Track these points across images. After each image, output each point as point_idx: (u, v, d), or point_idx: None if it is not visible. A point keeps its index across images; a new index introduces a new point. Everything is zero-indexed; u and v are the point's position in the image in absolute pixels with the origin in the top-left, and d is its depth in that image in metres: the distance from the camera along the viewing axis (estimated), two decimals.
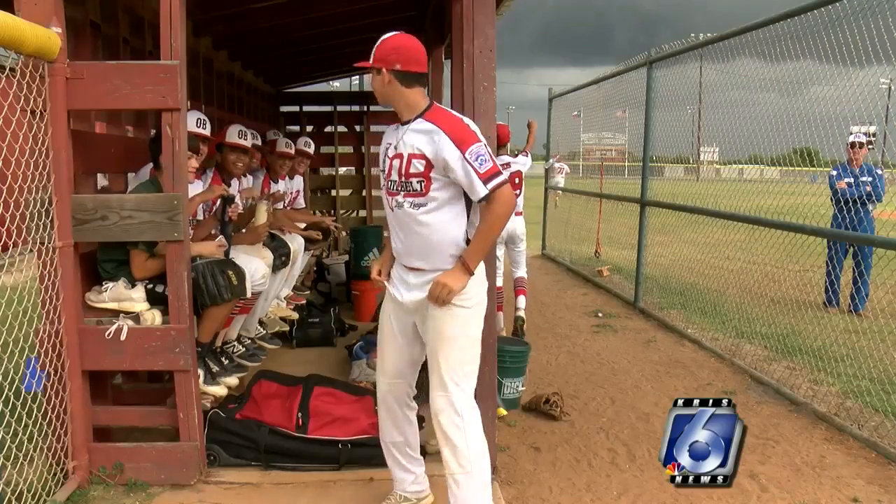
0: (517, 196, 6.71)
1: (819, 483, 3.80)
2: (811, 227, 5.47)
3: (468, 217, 3.00)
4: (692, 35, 7.46)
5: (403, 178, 2.92)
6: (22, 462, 3.21)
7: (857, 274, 7.61)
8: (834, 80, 5.12)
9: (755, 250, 6.64)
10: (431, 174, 2.88)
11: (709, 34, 6.88)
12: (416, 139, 2.90)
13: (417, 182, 2.90)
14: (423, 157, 2.87)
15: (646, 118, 7.97)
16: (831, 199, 7.39)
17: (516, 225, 6.67)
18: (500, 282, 6.79)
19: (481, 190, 2.85)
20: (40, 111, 3.23)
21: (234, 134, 4.78)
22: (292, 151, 6.12)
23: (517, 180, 6.74)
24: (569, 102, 12.54)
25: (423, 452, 3.83)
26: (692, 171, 10.60)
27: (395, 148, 2.96)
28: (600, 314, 7.81)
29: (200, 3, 4.23)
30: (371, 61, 2.90)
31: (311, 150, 6.71)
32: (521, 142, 7.45)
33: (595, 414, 4.80)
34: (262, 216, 4.68)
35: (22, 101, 3.14)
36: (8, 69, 3.05)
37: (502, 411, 4.57)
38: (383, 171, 3.04)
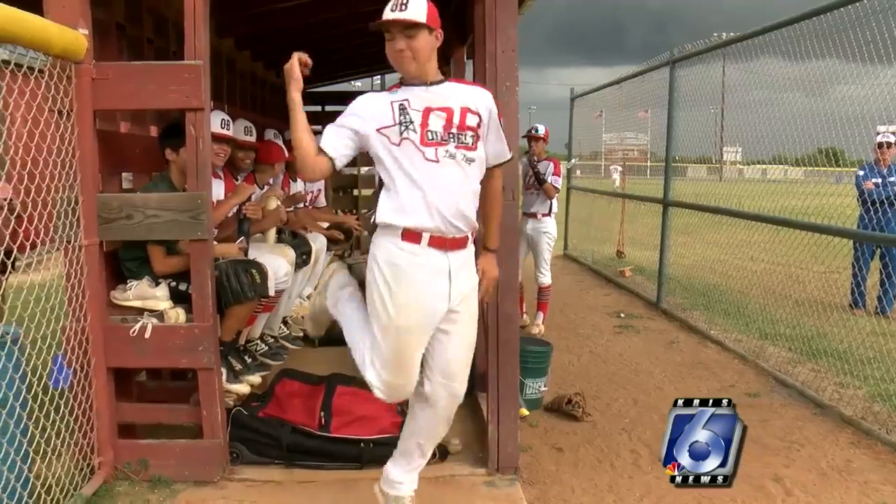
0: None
1: (846, 488, 3.75)
2: (837, 228, 5.41)
3: None
4: (714, 35, 7.41)
5: (455, 130, 2.78)
6: (50, 457, 3.26)
7: (884, 275, 7.49)
8: (860, 78, 5.06)
9: (779, 251, 6.58)
10: (480, 132, 2.86)
11: (731, 34, 6.83)
12: (466, 95, 2.85)
13: (471, 136, 2.82)
14: (477, 113, 2.83)
15: (668, 118, 7.92)
16: (858, 200, 7.30)
17: None
18: (548, 280, 6.83)
19: (507, 151, 3.02)
20: (67, 111, 3.27)
21: (239, 130, 4.63)
22: None
23: None
24: (590, 102, 12.49)
25: (446, 452, 3.85)
26: (715, 172, 10.52)
27: (430, 101, 2.78)
28: (622, 315, 7.77)
29: (224, 4, 4.26)
30: (426, 20, 2.73)
31: None
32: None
33: (617, 415, 4.77)
34: (271, 202, 4.75)
35: (49, 101, 3.17)
36: (36, 70, 3.09)
37: (524, 411, 4.55)
38: (407, 123, 2.76)
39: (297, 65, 2.90)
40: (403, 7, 2.71)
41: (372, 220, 2.90)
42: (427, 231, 2.76)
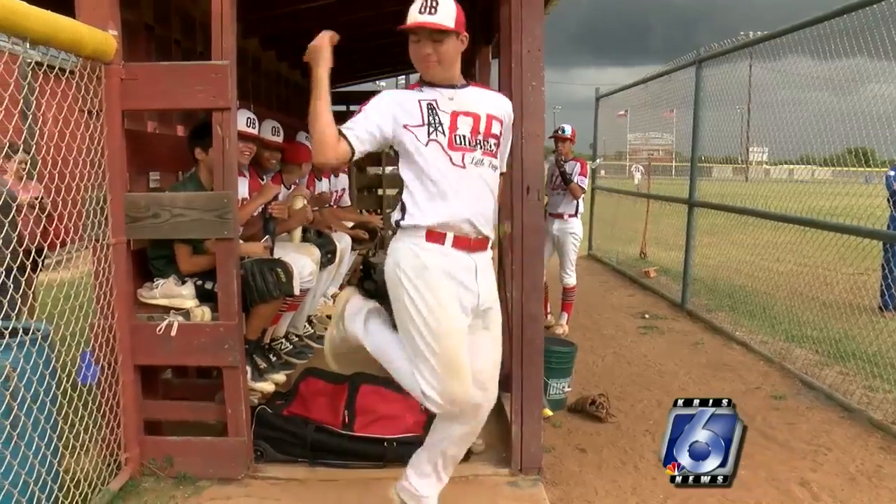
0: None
1: (876, 494, 3.69)
2: (867, 229, 5.33)
3: None
4: (741, 33, 7.34)
5: (482, 137, 2.78)
6: (79, 452, 3.30)
7: None
8: (892, 76, 4.98)
9: (806, 252, 6.49)
10: (500, 139, 2.88)
11: (758, 32, 6.76)
12: (490, 102, 2.87)
13: (494, 143, 2.83)
14: (500, 121, 2.86)
15: (694, 118, 7.86)
16: (888, 201, 7.18)
17: None
18: (573, 281, 6.83)
19: (504, 166, 3.05)
20: (96, 111, 3.31)
21: (266, 131, 4.70)
22: None
23: None
24: (615, 102, 12.43)
25: (469, 452, 3.85)
26: (740, 172, 10.42)
27: (457, 104, 2.76)
28: (647, 315, 7.72)
29: (250, 4, 4.29)
30: (454, 25, 2.68)
31: None
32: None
33: (641, 416, 4.74)
34: (297, 202, 4.78)
35: (79, 101, 3.21)
36: (67, 71, 3.13)
37: (548, 412, 4.53)
38: (436, 124, 2.72)
39: (327, 43, 2.82)
40: (433, 10, 2.65)
41: (394, 220, 2.88)
42: (451, 231, 2.75)
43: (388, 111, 2.76)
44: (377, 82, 15.02)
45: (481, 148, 2.78)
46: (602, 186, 13.19)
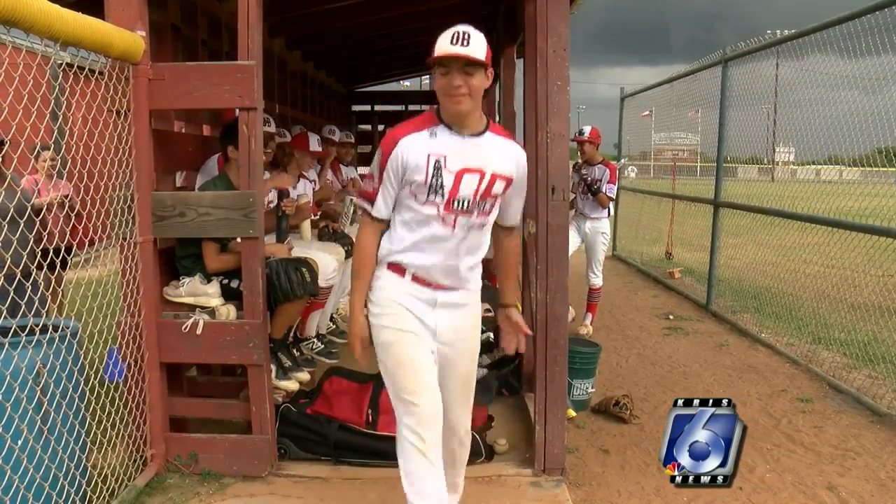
0: None
1: None
2: None
3: None
4: (768, 32, 7.26)
5: (479, 199, 2.67)
6: (106, 447, 3.35)
7: None
8: None
9: (834, 254, 6.39)
10: (505, 194, 2.76)
11: (784, 31, 6.69)
12: (500, 158, 2.70)
13: (491, 203, 2.72)
14: (506, 178, 2.71)
15: (720, 118, 7.78)
16: None
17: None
18: (600, 281, 6.84)
19: (518, 218, 2.94)
20: (124, 111, 3.34)
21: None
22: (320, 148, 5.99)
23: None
24: (640, 102, 12.36)
25: (492, 452, 3.85)
26: (766, 172, 10.30)
27: (466, 160, 2.64)
28: (671, 316, 7.66)
29: (275, 4, 4.31)
30: (484, 58, 2.55)
31: (336, 137, 6.52)
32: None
33: (665, 418, 4.68)
34: (303, 198, 4.89)
35: (108, 102, 3.25)
36: (96, 72, 3.17)
37: (571, 413, 4.51)
38: (437, 186, 2.63)
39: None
40: (466, 42, 2.53)
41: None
42: (412, 269, 2.71)
43: (399, 173, 2.67)
44: (401, 82, 15.05)
45: (478, 210, 2.69)
46: (625, 186, 13.13)
